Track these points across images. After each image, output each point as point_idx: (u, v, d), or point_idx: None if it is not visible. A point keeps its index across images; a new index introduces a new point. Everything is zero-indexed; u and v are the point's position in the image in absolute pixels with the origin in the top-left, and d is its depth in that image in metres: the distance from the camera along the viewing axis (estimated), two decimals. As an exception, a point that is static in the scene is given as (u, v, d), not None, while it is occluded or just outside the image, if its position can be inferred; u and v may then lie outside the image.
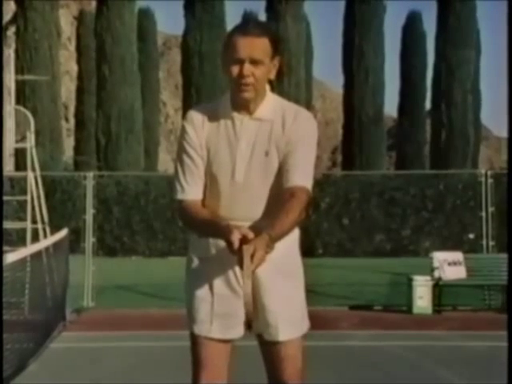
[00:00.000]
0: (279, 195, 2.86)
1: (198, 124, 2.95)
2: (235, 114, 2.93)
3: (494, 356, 6.90)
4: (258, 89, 2.88)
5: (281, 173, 2.89)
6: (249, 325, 2.60)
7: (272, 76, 2.92)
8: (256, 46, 2.81)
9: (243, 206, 2.92)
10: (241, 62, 2.81)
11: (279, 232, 2.69)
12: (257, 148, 2.91)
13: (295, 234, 2.98)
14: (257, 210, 2.92)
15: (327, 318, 9.11)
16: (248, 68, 2.81)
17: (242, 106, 2.92)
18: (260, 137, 2.92)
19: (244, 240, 2.59)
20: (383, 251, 19.74)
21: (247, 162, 2.91)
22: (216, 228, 2.74)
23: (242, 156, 2.91)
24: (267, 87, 2.97)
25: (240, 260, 2.58)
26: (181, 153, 2.97)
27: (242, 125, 2.93)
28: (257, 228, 2.74)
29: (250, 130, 2.92)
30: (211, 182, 2.95)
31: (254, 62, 2.82)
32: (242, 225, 2.82)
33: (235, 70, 2.83)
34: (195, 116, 2.97)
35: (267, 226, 2.67)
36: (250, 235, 2.59)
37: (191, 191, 2.94)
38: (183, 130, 2.98)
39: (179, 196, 2.96)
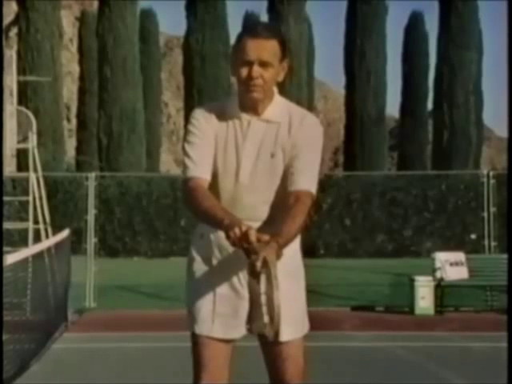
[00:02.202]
0: (284, 198, 2.86)
1: (208, 116, 2.95)
2: (243, 115, 2.93)
3: (496, 357, 6.89)
4: (267, 90, 2.89)
5: (286, 176, 2.89)
6: (276, 334, 2.60)
7: (280, 78, 2.93)
8: (265, 48, 2.82)
9: (246, 206, 2.92)
10: (250, 64, 2.82)
11: (287, 238, 2.69)
12: (263, 149, 2.91)
13: (297, 234, 2.98)
14: (260, 211, 2.92)
15: (329, 319, 9.10)
16: (257, 70, 2.82)
17: (250, 107, 2.91)
18: (266, 138, 2.92)
19: (243, 237, 2.57)
20: (385, 252, 19.74)
21: (252, 162, 2.91)
22: (222, 216, 2.68)
23: (247, 156, 2.91)
24: (275, 89, 2.97)
25: (252, 270, 2.56)
26: (189, 136, 2.93)
27: (250, 125, 2.93)
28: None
29: (256, 131, 2.92)
30: (215, 180, 2.93)
31: (263, 64, 2.82)
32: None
33: (244, 71, 2.83)
34: (205, 112, 2.97)
35: (274, 234, 2.66)
36: (252, 236, 2.57)
37: (201, 169, 2.88)
38: (193, 119, 2.95)
39: (189, 173, 2.88)
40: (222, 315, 2.91)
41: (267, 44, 2.82)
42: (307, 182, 2.87)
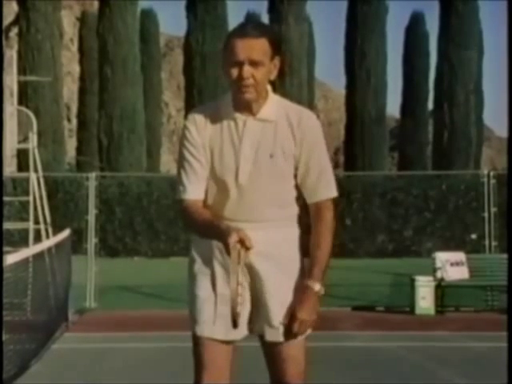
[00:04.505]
0: (282, 196, 2.89)
1: (200, 124, 2.94)
2: (238, 115, 2.91)
3: (496, 357, 6.89)
4: (259, 90, 2.86)
5: (302, 187, 2.94)
6: (234, 322, 2.62)
7: (273, 77, 2.90)
8: (254, 48, 2.79)
9: (247, 207, 2.91)
10: (240, 65, 2.80)
11: (320, 269, 2.92)
12: (261, 149, 2.90)
13: (296, 234, 2.99)
14: (261, 212, 2.92)
15: (330, 319, 9.09)
16: (247, 70, 2.80)
17: (244, 107, 2.90)
18: (264, 138, 2.91)
19: (241, 244, 2.60)
20: (385, 252, 19.74)
21: (251, 163, 2.90)
22: (216, 229, 2.75)
23: (245, 157, 2.90)
24: (269, 88, 2.95)
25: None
26: (183, 152, 2.95)
27: (246, 126, 2.91)
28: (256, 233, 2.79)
29: (253, 131, 2.91)
30: (215, 183, 2.93)
31: (254, 64, 2.80)
32: (246, 226, 2.83)
33: (235, 72, 2.81)
34: (198, 117, 2.96)
35: (307, 271, 2.88)
36: (248, 241, 2.63)
37: (193, 191, 2.93)
38: (186, 130, 2.96)
39: (181, 196, 2.95)
40: (223, 316, 2.91)
41: (256, 43, 2.80)
42: (325, 190, 2.94)
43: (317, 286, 2.88)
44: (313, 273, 2.87)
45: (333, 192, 2.95)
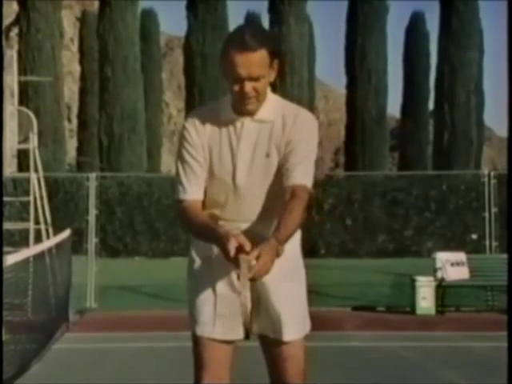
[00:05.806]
0: (278, 195, 2.86)
1: (199, 126, 2.95)
2: (236, 116, 2.92)
3: (497, 357, 6.88)
4: (261, 98, 2.87)
5: (281, 171, 2.88)
6: (247, 334, 2.62)
7: (272, 79, 2.90)
8: (254, 63, 2.76)
9: (245, 207, 2.92)
10: (241, 81, 2.79)
11: (285, 234, 2.70)
12: (258, 150, 2.91)
13: (297, 234, 2.99)
14: (257, 211, 2.92)
15: (330, 319, 9.10)
16: (249, 85, 2.79)
17: (244, 112, 2.91)
18: (261, 138, 2.92)
19: (240, 249, 2.59)
20: (386, 252, 19.74)
21: (248, 163, 2.91)
22: (213, 234, 2.74)
23: (242, 158, 2.91)
24: (268, 89, 2.94)
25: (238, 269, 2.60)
26: (182, 153, 2.96)
27: (243, 127, 2.92)
28: (253, 233, 2.78)
29: (250, 132, 2.92)
30: (214, 183, 2.94)
31: (254, 79, 2.80)
32: (245, 226, 2.83)
33: (236, 87, 2.81)
34: (197, 118, 2.97)
35: (273, 231, 2.67)
36: (247, 246, 2.60)
37: (192, 191, 2.93)
38: (185, 131, 2.97)
39: (181, 196, 2.95)
40: (222, 316, 2.91)
41: (255, 57, 2.76)
42: (302, 176, 2.86)
43: (279, 247, 2.67)
44: (278, 236, 2.66)
45: (309, 182, 2.88)
